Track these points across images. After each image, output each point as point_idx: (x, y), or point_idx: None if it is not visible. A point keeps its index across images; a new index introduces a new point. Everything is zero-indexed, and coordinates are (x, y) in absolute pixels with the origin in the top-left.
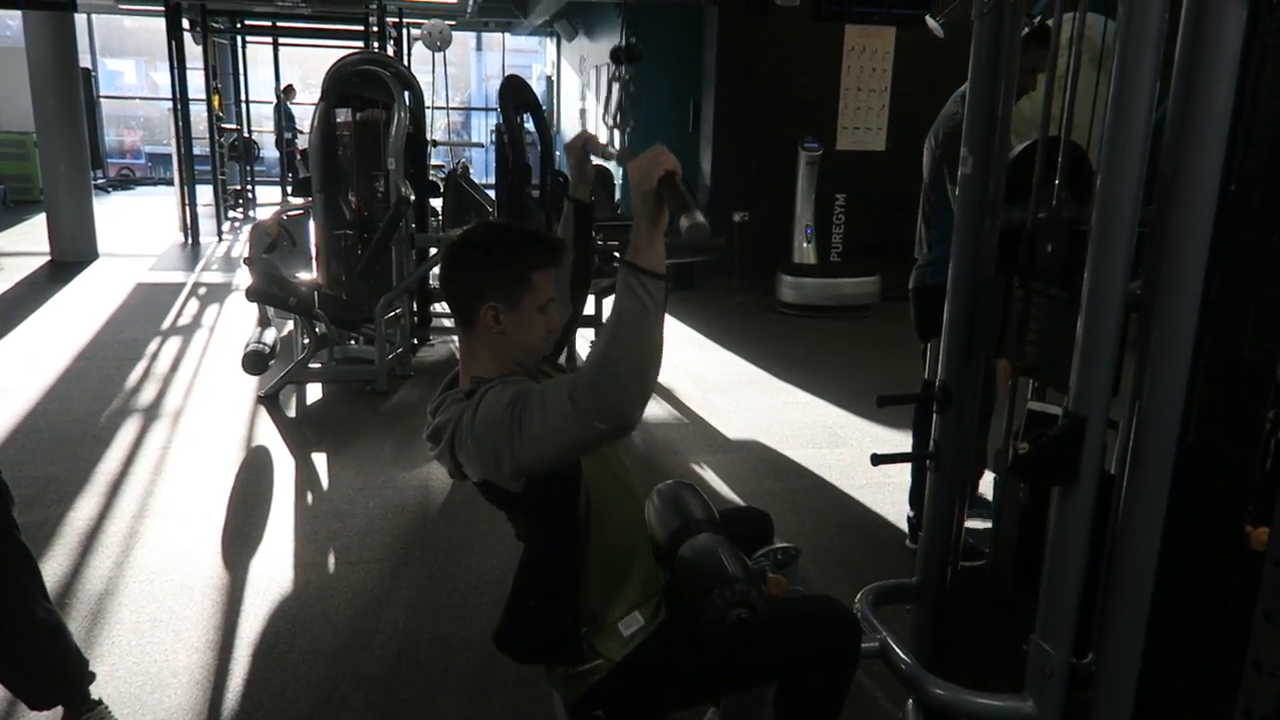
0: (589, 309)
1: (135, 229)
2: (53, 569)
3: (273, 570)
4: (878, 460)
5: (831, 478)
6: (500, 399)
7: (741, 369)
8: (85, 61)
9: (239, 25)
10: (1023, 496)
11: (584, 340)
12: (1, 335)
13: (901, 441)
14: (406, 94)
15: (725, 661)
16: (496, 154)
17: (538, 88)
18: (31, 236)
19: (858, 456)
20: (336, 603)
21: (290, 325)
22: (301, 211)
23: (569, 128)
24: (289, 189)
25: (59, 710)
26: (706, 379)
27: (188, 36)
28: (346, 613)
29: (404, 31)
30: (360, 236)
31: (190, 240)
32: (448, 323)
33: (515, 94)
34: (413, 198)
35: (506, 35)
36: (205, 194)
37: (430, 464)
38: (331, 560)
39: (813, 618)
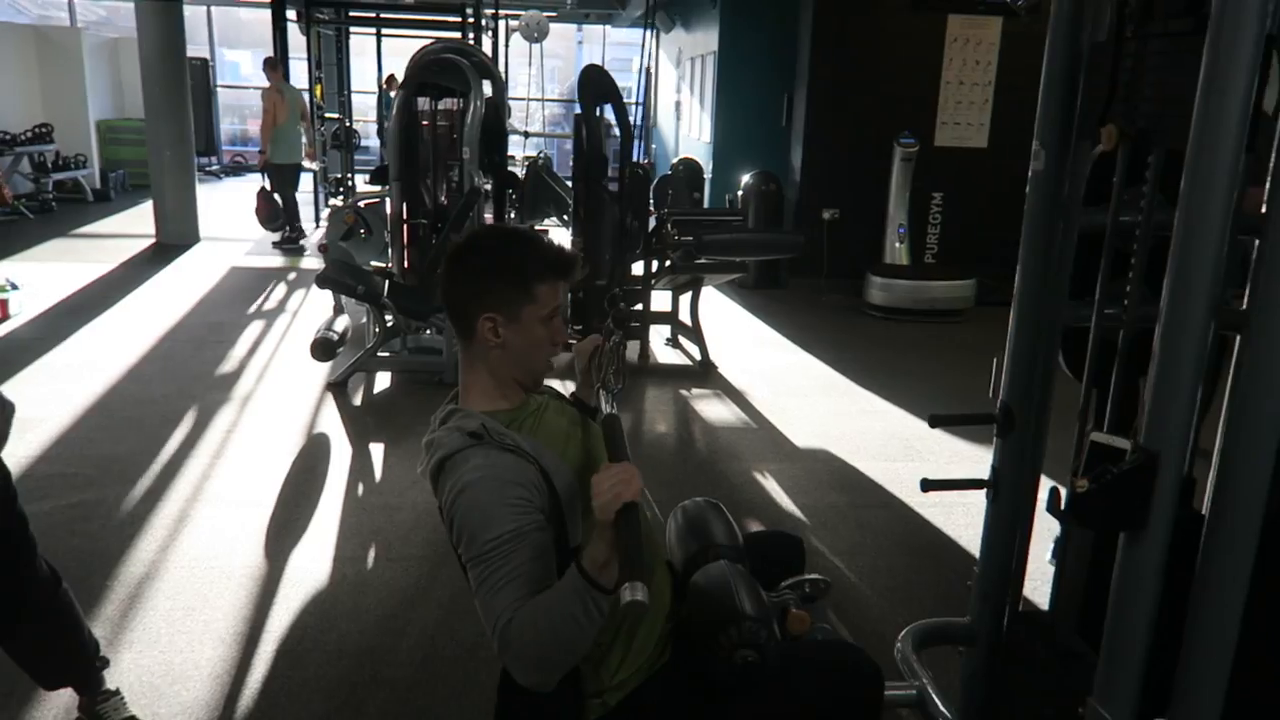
0: (664, 304)
1: (238, 214)
2: (100, 549)
3: (311, 563)
4: (928, 486)
5: (902, 494)
6: (486, 522)
7: (820, 373)
8: (204, 52)
9: (343, 16)
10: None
11: (658, 335)
12: (97, 315)
13: (983, 458)
14: (486, 83)
15: (730, 710)
16: (574, 145)
17: (635, 81)
18: (143, 219)
19: (933, 472)
20: (369, 600)
21: (364, 313)
22: (378, 199)
23: (665, 122)
24: (366, 177)
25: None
26: (782, 382)
27: (294, 27)
28: (377, 612)
29: (502, 23)
30: (435, 225)
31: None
32: None
33: (594, 85)
34: (487, 187)
35: (608, 28)
36: (307, 181)
37: None
38: (371, 555)
39: (829, 666)
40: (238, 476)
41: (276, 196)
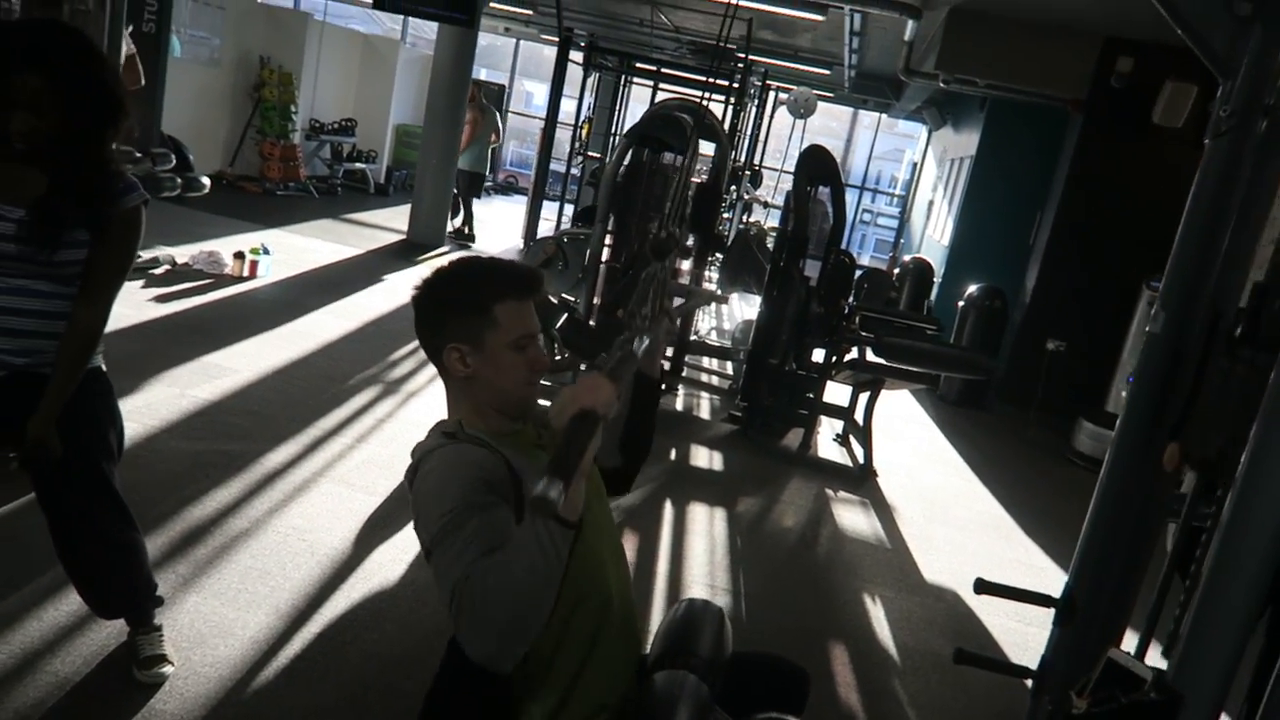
0: (842, 398)
1: (488, 228)
2: (219, 497)
3: (391, 561)
4: (982, 587)
5: (1020, 662)
6: (441, 494)
7: (987, 510)
8: (504, 79)
9: (625, 65)
10: None
11: (829, 428)
12: (324, 291)
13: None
14: (714, 147)
15: None
16: (780, 221)
17: (904, 174)
18: (403, 217)
19: None
20: (424, 612)
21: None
22: (584, 237)
23: (917, 217)
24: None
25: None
26: (940, 508)
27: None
28: (427, 625)
29: (769, 94)
30: (625, 271)
31: (526, 247)
32: (707, 377)
33: (812, 163)
34: (677, 244)
35: (883, 116)
36: (553, 210)
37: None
38: None
39: None
40: (367, 463)
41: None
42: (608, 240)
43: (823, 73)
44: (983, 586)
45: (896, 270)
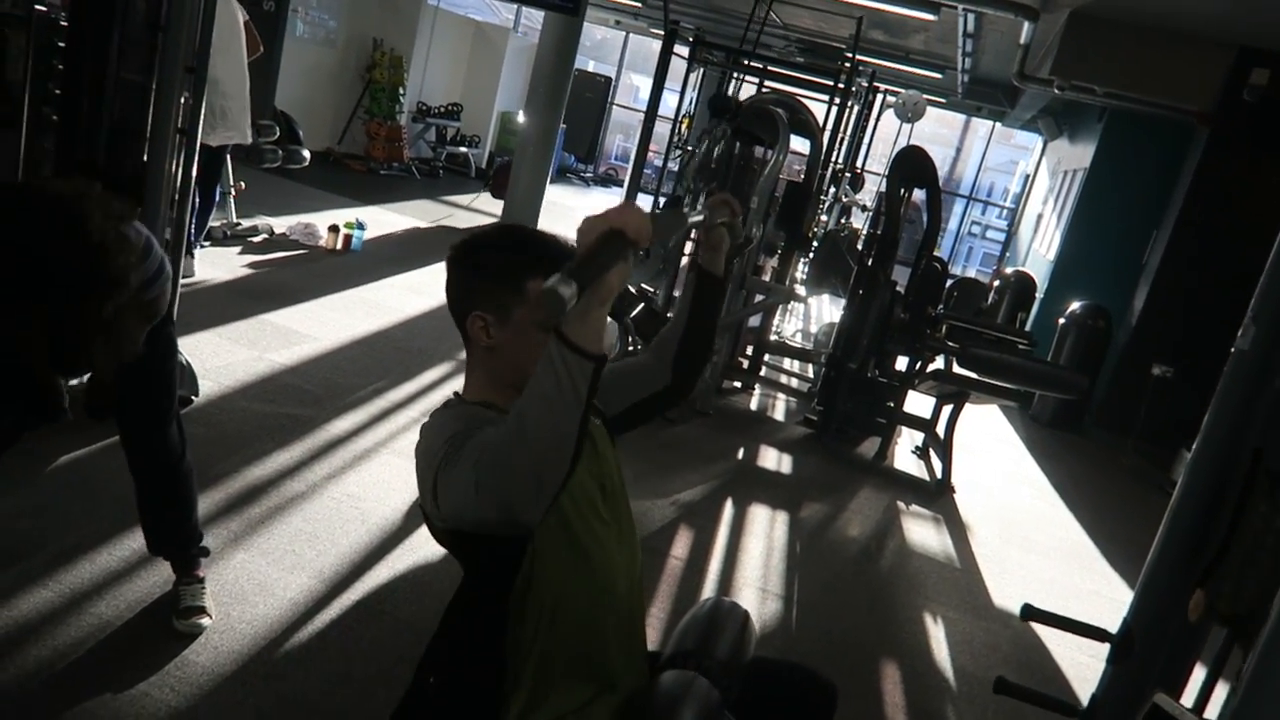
0: (924, 409)
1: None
2: (282, 459)
3: None
4: (1030, 614)
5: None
6: (442, 431)
7: (1069, 537)
8: (611, 72)
9: (732, 61)
10: None
11: (908, 439)
12: (410, 268)
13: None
14: (808, 143)
15: None
16: (870, 222)
17: (1016, 186)
18: (500, 202)
19: None
20: None
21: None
22: None
23: (1025, 231)
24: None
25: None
26: (1018, 530)
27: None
28: None
29: (876, 95)
30: None
31: None
32: (786, 379)
33: (907, 165)
34: (757, 239)
35: (998, 125)
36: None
37: (646, 502)
38: None
39: None
40: None
41: None
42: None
43: (935, 76)
44: (1031, 613)
45: (996, 283)
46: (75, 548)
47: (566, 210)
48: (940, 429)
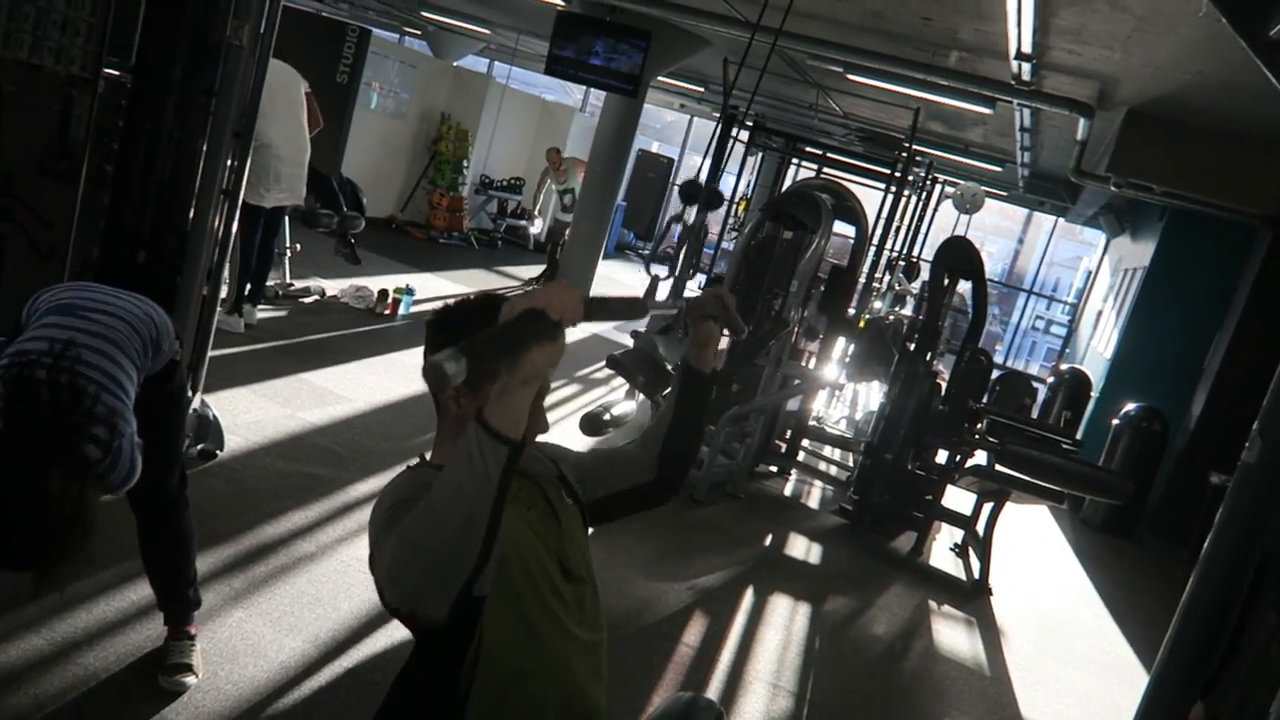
0: (964, 506)
1: (626, 290)
2: (296, 519)
3: None
4: None
5: None
6: (394, 495)
7: (1113, 649)
8: (674, 153)
9: (791, 147)
10: None
11: (947, 535)
12: None
13: None
14: (853, 229)
15: None
16: (913, 311)
17: (1078, 281)
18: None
19: None
20: None
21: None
22: None
23: (1085, 328)
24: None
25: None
26: (1058, 641)
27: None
28: None
29: (934, 186)
30: (746, 344)
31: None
32: (824, 466)
33: (951, 253)
34: (795, 322)
35: (1060, 220)
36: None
37: (662, 585)
38: None
39: None
40: None
41: None
42: None
43: (994, 169)
44: None
45: (1050, 379)
46: (74, 596)
47: (618, 284)
48: (980, 527)
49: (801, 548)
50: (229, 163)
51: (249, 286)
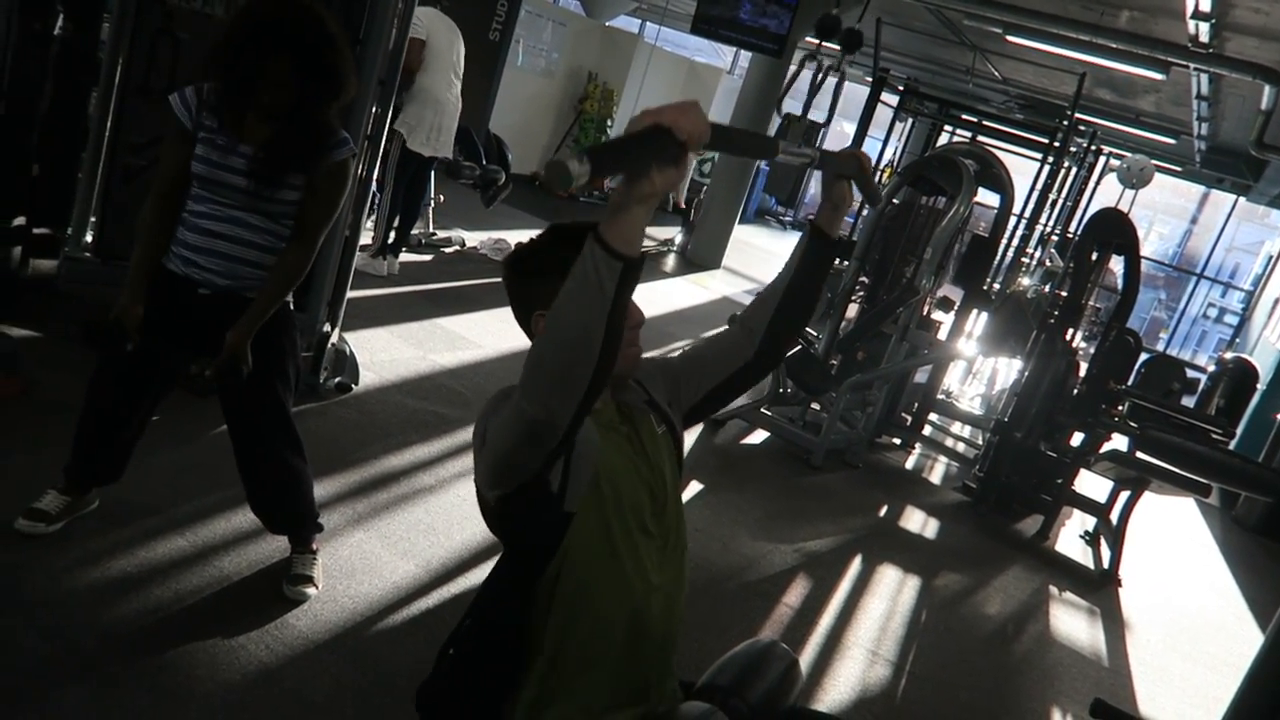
0: (1100, 492)
1: (772, 259)
2: (423, 453)
3: None
4: (1098, 710)
5: None
6: (496, 397)
7: (1249, 654)
8: (822, 117)
9: (945, 113)
10: None
11: (1079, 522)
12: None
13: None
14: (1000, 197)
15: None
16: (1056, 283)
17: (1259, 266)
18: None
19: None
20: None
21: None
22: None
23: (1259, 316)
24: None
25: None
26: (1188, 642)
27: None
28: None
29: (1099, 157)
30: (876, 311)
31: None
32: (952, 442)
33: (1104, 226)
34: (926, 292)
35: (1240, 200)
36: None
37: (769, 545)
38: None
39: None
40: None
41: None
42: (862, 277)
43: (1167, 141)
44: (1101, 709)
45: (1212, 368)
46: (215, 505)
47: (754, 250)
48: (1114, 516)
49: (918, 521)
50: (372, 109)
51: (393, 235)
